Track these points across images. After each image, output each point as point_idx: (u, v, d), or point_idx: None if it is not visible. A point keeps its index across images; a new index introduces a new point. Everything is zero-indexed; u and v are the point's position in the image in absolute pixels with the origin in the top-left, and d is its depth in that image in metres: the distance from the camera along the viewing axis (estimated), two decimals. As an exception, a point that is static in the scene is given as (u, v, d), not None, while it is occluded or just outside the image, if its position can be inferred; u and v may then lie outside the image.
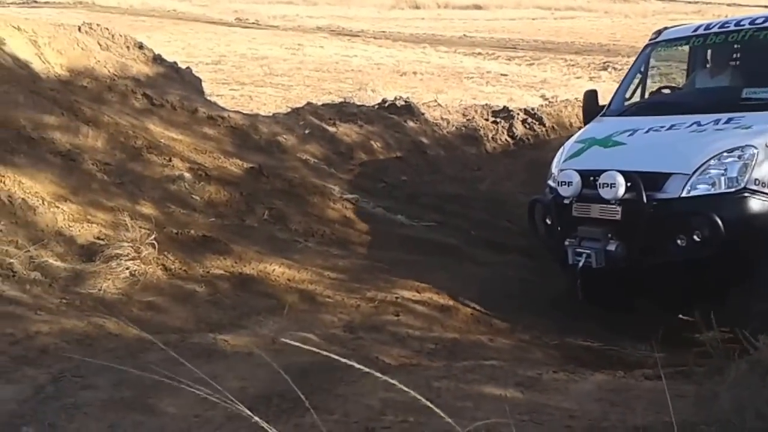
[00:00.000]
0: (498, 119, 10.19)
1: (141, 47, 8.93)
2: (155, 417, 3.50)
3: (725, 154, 5.52)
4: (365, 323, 5.60)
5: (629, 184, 5.68)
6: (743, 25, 6.61)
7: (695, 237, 5.44)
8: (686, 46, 7.39)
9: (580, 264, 5.81)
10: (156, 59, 8.88)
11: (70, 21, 12.43)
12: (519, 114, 10.29)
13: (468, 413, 3.22)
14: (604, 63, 22.83)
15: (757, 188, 5.42)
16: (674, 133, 6.02)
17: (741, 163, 5.45)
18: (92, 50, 8.24)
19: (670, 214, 5.61)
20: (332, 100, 11.57)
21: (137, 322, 4.99)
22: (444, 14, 42.41)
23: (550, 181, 6.48)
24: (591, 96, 7.27)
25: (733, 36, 6.68)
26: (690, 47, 7.36)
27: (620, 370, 4.64)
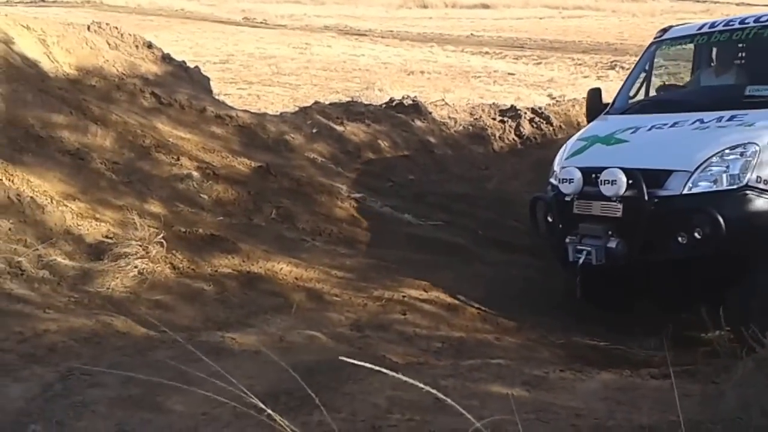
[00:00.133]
0: (505, 118, 10.16)
1: (150, 46, 8.94)
2: (163, 415, 3.51)
3: (727, 151, 5.50)
4: (372, 322, 5.61)
5: (631, 181, 5.66)
6: (748, 24, 6.60)
7: (696, 234, 5.41)
8: (691, 45, 7.37)
9: (580, 261, 5.80)
10: (165, 58, 8.89)
11: (78, 20, 12.47)
12: (526, 113, 10.27)
13: (475, 411, 3.22)
14: (612, 62, 22.77)
15: (759, 186, 5.39)
16: (677, 131, 6.00)
17: (743, 161, 5.43)
18: (101, 49, 8.25)
19: (671, 211, 5.58)
20: (340, 99, 11.57)
21: (145, 321, 5.02)
22: (451, 13, 42.38)
23: (552, 179, 6.46)
24: (595, 94, 7.25)
25: (738, 34, 6.66)
26: (695, 45, 7.33)
27: (626, 369, 4.65)
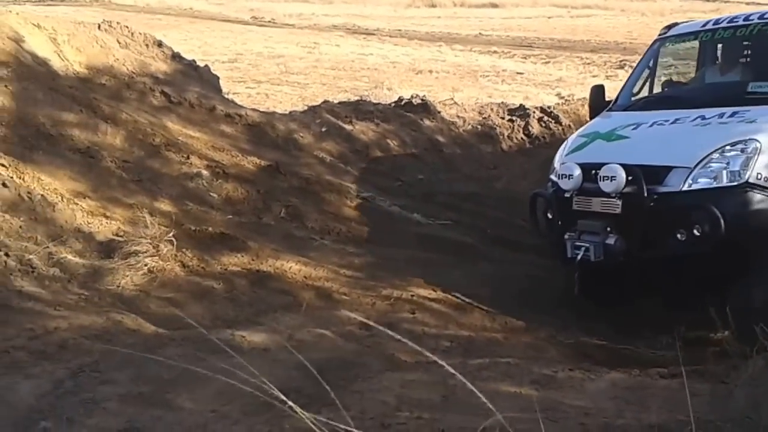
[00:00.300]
0: (514, 117, 10.14)
1: (160, 45, 8.95)
2: (173, 412, 3.53)
3: (728, 148, 5.45)
4: (381, 321, 5.61)
5: (630, 178, 5.62)
6: (752, 20, 6.57)
7: (695, 231, 5.38)
8: (695, 42, 7.33)
9: (579, 257, 5.78)
10: (175, 57, 8.90)
11: (87, 19, 12.49)
12: (535, 112, 10.25)
13: (483, 410, 3.23)
14: (621, 61, 22.67)
15: (760, 182, 5.34)
16: (678, 127, 5.97)
17: (744, 157, 5.39)
18: (111, 48, 8.27)
19: (671, 208, 5.55)
20: (348, 99, 11.56)
21: (155, 318, 5.04)
22: (460, 12, 42.31)
23: (552, 175, 6.42)
24: (598, 91, 7.22)
25: (742, 31, 6.64)
26: (699, 42, 7.29)
27: (635, 369, 4.64)
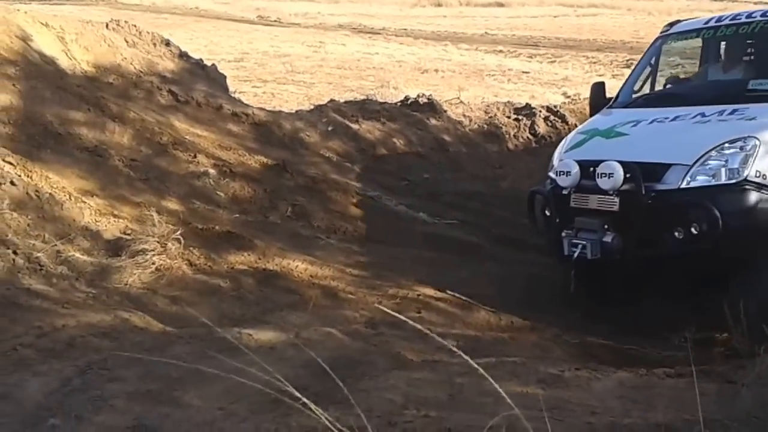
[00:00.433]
0: (520, 117, 10.14)
1: (167, 44, 8.97)
2: (181, 409, 3.53)
3: (727, 145, 5.42)
4: (387, 319, 5.61)
5: (628, 175, 5.58)
6: (755, 18, 6.54)
7: (693, 230, 5.35)
8: (698, 39, 7.28)
9: (575, 255, 5.75)
10: (182, 56, 8.92)
11: (93, 18, 12.54)
12: (541, 111, 10.24)
13: (489, 409, 3.23)
14: (627, 60, 22.61)
15: (758, 180, 5.31)
16: (677, 124, 5.94)
17: (743, 155, 5.35)
18: (119, 47, 8.29)
19: (668, 206, 5.51)
20: (354, 98, 11.56)
21: (162, 316, 5.06)
22: (466, 12, 42.30)
23: (551, 172, 6.39)
24: (598, 88, 7.20)
25: (744, 28, 6.62)
26: (702, 39, 7.24)
27: (642, 368, 4.64)
